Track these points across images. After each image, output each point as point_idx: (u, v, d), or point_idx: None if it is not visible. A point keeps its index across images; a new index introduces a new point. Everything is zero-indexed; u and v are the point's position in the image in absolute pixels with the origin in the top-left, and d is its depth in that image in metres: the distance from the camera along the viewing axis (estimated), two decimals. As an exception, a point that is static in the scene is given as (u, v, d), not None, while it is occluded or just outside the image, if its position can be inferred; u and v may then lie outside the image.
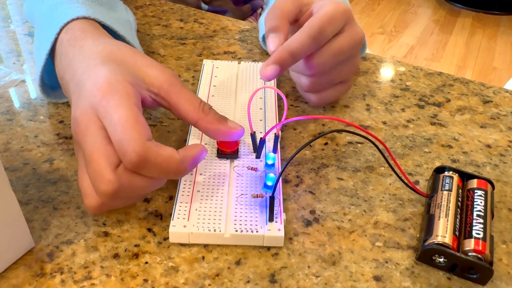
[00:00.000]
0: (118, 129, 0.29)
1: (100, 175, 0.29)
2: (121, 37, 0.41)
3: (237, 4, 0.73)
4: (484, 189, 0.34)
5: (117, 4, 0.47)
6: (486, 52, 2.04)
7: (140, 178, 0.30)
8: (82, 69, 0.34)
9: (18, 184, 0.36)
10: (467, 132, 0.44)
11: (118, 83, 0.31)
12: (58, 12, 0.40)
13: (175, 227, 0.32)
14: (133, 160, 0.29)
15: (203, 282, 0.30)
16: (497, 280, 0.31)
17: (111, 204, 0.32)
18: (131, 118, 0.29)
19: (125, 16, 0.46)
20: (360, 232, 0.34)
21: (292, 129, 0.43)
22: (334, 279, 0.31)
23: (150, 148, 0.29)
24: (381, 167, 0.39)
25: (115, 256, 0.31)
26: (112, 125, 0.29)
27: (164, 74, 0.34)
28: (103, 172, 0.29)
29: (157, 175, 0.30)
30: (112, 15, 0.43)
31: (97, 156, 0.29)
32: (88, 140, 0.30)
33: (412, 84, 0.50)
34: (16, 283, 0.30)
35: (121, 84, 0.31)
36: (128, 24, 0.46)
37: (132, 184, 0.30)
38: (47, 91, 0.43)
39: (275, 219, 0.32)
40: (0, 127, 0.42)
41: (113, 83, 0.31)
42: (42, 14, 0.42)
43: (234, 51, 0.54)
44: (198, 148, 0.32)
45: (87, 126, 0.30)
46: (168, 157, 0.30)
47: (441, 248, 0.30)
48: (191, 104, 0.34)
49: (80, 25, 0.38)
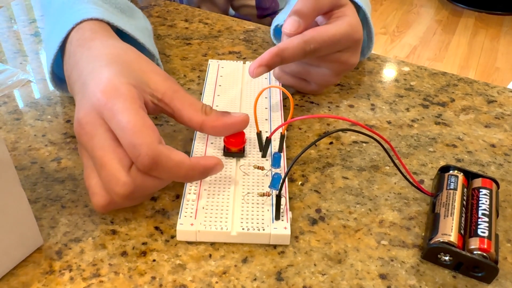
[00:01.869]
0: (128, 133, 0.29)
1: (115, 178, 0.29)
2: (141, 44, 0.42)
3: (260, 17, 0.73)
4: (489, 188, 0.34)
5: (136, 12, 0.47)
6: (489, 52, 2.04)
7: (152, 179, 0.31)
8: (88, 70, 0.34)
9: (27, 182, 0.36)
10: (472, 131, 0.44)
11: (122, 86, 0.31)
12: (73, 10, 0.40)
13: (182, 225, 0.32)
14: (145, 163, 0.29)
15: (210, 279, 0.30)
16: (502, 278, 0.31)
17: (122, 204, 0.32)
18: (139, 122, 0.30)
19: (143, 24, 0.47)
20: (365, 231, 0.34)
21: (297, 128, 0.43)
22: (340, 277, 0.31)
23: (162, 152, 0.30)
24: (386, 166, 0.40)
25: (123, 254, 0.32)
26: (121, 129, 0.30)
27: (167, 81, 0.35)
28: (118, 175, 0.29)
29: (166, 178, 0.31)
30: (132, 22, 0.44)
31: (109, 158, 0.30)
32: (96, 142, 0.30)
33: (417, 84, 0.50)
34: (25, 280, 0.30)
35: (125, 87, 0.31)
36: (147, 32, 0.46)
37: (145, 184, 0.30)
38: (58, 83, 0.43)
39: (281, 218, 0.33)
40: (8, 127, 0.42)
41: (117, 85, 0.31)
42: (57, 9, 0.42)
43: (239, 51, 0.54)
44: (212, 160, 0.32)
45: (93, 129, 0.31)
46: (179, 162, 0.30)
47: (446, 247, 0.31)
48: (194, 109, 0.34)
49: (91, 26, 0.38)
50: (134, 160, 0.30)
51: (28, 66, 0.51)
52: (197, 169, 0.32)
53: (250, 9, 0.72)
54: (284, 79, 0.45)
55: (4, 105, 0.44)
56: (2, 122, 0.42)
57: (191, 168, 0.31)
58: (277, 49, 0.39)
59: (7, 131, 0.41)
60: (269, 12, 0.73)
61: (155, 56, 0.44)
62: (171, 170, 0.30)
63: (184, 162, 0.31)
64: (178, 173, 0.31)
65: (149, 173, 0.30)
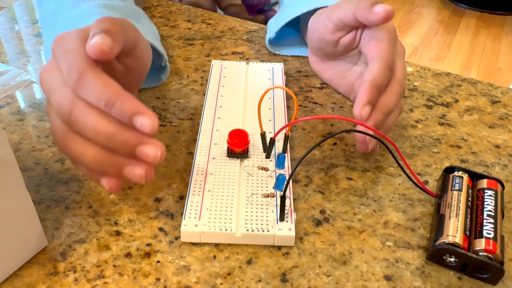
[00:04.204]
0: (66, 57, 0.30)
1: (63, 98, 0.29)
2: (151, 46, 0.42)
3: (251, 14, 0.73)
4: (494, 189, 0.34)
5: (142, 17, 0.48)
6: (490, 53, 2.04)
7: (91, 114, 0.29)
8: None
9: (30, 183, 0.36)
10: (476, 132, 0.44)
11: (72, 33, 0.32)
12: (86, 22, 0.40)
13: (186, 226, 0.32)
14: (74, 78, 0.29)
15: (215, 281, 0.30)
16: (508, 280, 0.31)
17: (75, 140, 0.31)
18: (80, 48, 0.30)
19: (149, 27, 0.47)
20: (370, 232, 0.34)
21: (301, 129, 0.43)
22: (345, 279, 0.31)
23: (94, 69, 0.29)
24: (390, 167, 0.39)
25: (127, 255, 0.32)
26: (62, 57, 0.30)
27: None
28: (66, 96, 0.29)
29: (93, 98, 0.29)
30: (140, 27, 0.44)
31: (59, 88, 0.30)
32: (49, 79, 0.31)
33: (420, 84, 0.50)
34: (30, 282, 0.30)
35: (76, 34, 0.31)
36: (154, 35, 0.47)
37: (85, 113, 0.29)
38: None
39: (285, 219, 0.33)
40: (11, 127, 0.42)
41: (68, 33, 0.32)
42: (69, 21, 0.43)
43: (242, 52, 0.54)
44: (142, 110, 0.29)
45: (48, 72, 0.31)
46: (107, 83, 0.29)
47: (451, 248, 0.31)
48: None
49: None
50: (66, 78, 0.29)
51: (29, 67, 0.51)
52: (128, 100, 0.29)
53: (238, 7, 0.72)
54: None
55: (7, 105, 0.44)
56: (6, 123, 0.42)
57: (115, 94, 0.28)
58: (368, 82, 0.37)
59: (11, 132, 0.41)
60: (260, 7, 0.72)
61: (163, 57, 0.44)
62: (96, 88, 0.29)
63: (112, 86, 0.29)
64: (103, 94, 0.28)
65: (78, 91, 0.29)
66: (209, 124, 0.41)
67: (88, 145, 0.30)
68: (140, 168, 0.30)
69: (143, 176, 0.30)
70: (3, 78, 0.48)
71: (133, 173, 0.30)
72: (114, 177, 0.31)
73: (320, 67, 0.49)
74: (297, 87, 0.49)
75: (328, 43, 0.44)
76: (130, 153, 0.29)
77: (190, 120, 0.43)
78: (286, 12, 0.51)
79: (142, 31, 0.43)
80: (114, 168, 0.30)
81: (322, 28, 0.44)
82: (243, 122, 0.41)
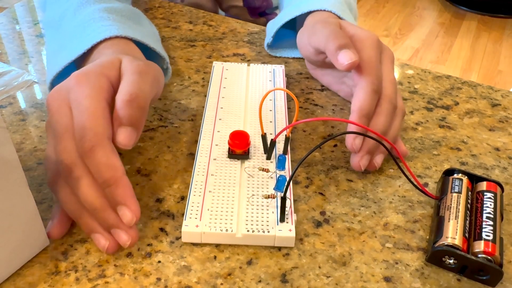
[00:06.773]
0: (83, 116, 0.30)
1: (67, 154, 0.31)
2: (151, 49, 0.43)
3: (253, 16, 0.73)
4: (493, 191, 0.34)
5: (142, 18, 0.48)
6: (491, 55, 2.04)
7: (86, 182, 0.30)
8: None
9: (32, 183, 0.37)
10: (476, 135, 0.44)
11: (93, 74, 0.32)
12: (91, 29, 0.41)
13: (187, 226, 0.32)
14: (86, 147, 0.30)
15: (215, 281, 0.31)
16: (507, 282, 0.32)
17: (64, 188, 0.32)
18: (99, 110, 0.31)
19: (150, 29, 0.48)
20: (370, 234, 0.34)
21: (301, 130, 0.43)
22: (344, 280, 0.31)
23: (106, 147, 0.30)
24: (390, 169, 0.40)
25: (128, 255, 0.32)
26: (79, 111, 0.31)
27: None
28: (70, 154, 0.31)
29: (94, 171, 0.30)
30: (141, 29, 0.44)
31: (67, 136, 0.31)
32: (60, 119, 0.31)
33: (421, 87, 0.50)
34: (31, 281, 0.30)
35: (96, 76, 0.32)
36: (155, 37, 0.47)
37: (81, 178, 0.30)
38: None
39: (286, 220, 0.33)
40: (13, 128, 0.42)
41: (89, 73, 0.33)
42: (74, 29, 0.43)
43: (243, 53, 0.54)
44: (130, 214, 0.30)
45: (60, 105, 0.32)
46: (112, 165, 0.30)
47: (451, 250, 0.31)
48: None
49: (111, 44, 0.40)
50: (77, 140, 0.30)
51: (30, 67, 0.51)
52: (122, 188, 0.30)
53: (239, 9, 0.72)
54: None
55: (9, 106, 0.45)
56: (8, 123, 0.42)
57: (115, 179, 0.30)
58: (355, 113, 0.37)
59: (13, 132, 0.42)
60: (261, 10, 0.73)
61: (165, 60, 0.45)
62: (100, 167, 0.30)
63: (117, 168, 0.30)
64: (103, 173, 0.30)
65: (84, 158, 0.30)
66: (210, 125, 0.41)
67: (73, 197, 0.31)
68: (105, 240, 0.31)
69: (105, 247, 0.31)
70: (5, 78, 0.48)
71: (98, 241, 0.31)
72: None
73: (317, 73, 0.50)
74: (298, 89, 0.49)
75: (315, 61, 0.46)
76: (106, 227, 0.31)
77: (191, 121, 0.44)
78: (282, 15, 0.51)
79: (143, 33, 0.44)
80: (87, 224, 0.32)
81: (305, 49, 0.45)
82: (244, 124, 0.41)
